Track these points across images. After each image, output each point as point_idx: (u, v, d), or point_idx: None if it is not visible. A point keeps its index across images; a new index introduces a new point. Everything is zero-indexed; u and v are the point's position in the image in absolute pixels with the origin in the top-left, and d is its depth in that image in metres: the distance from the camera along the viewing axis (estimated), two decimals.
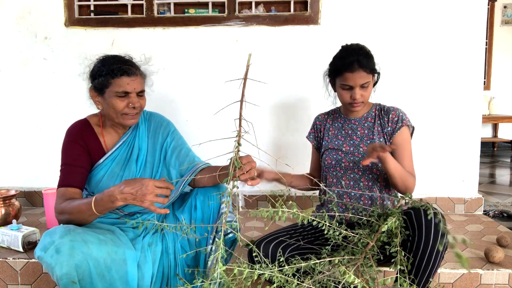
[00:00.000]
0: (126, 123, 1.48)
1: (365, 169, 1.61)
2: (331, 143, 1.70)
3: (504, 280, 1.65)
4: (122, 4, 2.49)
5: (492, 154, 5.32)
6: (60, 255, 1.19)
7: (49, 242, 1.22)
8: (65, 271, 1.19)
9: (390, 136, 1.63)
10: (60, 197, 1.39)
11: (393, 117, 1.63)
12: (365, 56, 1.55)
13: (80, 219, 1.33)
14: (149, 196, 1.23)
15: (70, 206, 1.34)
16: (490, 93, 5.40)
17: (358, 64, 1.52)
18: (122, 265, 1.31)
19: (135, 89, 1.44)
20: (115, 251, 1.30)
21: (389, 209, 1.37)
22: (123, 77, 1.41)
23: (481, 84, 2.41)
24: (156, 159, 1.57)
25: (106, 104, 1.45)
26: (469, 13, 2.34)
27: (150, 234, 1.47)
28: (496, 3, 5.38)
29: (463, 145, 2.44)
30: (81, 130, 1.51)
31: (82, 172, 1.45)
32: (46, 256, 1.21)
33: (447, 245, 1.29)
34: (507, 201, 2.96)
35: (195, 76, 2.48)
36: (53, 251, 1.20)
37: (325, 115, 1.79)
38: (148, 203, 1.24)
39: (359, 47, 1.59)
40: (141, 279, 1.35)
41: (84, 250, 1.22)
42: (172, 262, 1.44)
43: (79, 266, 1.21)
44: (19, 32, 2.49)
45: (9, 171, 2.61)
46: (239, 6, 2.43)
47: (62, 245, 1.20)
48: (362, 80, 1.54)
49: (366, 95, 1.58)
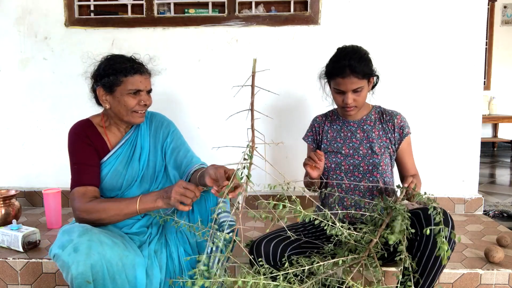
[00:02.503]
0: (135, 121, 1.51)
1: (366, 172, 1.61)
2: (330, 145, 1.68)
3: (504, 280, 1.65)
4: (122, 4, 2.49)
5: (492, 154, 5.32)
6: (77, 254, 1.20)
7: (68, 241, 1.23)
8: (81, 270, 1.19)
9: (396, 143, 1.64)
10: (82, 196, 1.40)
11: (399, 123, 1.63)
12: (359, 61, 1.50)
13: (113, 217, 1.37)
14: (174, 193, 1.27)
15: (103, 205, 1.37)
16: (490, 93, 5.40)
17: (350, 70, 1.49)
18: (132, 269, 1.31)
19: (146, 87, 1.49)
20: (126, 255, 1.31)
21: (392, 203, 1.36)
22: (135, 76, 1.45)
23: (481, 84, 2.41)
24: (158, 159, 1.59)
25: (116, 102, 1.47)
26: (469, 13, 2.34)
27: (155, 241, 1.49)
28: (496, 3, 5.37)
29: (463, 145, 2.44)
30: (85, 129, 1.52)
31: (95, 170, 1.48)
32: (64, 254, 1.21)
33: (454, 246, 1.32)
34: (507, 201, 2.96)
35: (195, 76, 2.48)
36: (71, 249, 1.21)
37: (322, 117, 1.76)
38: (173, 200, 1.28)
39: (354, 50, 1.54)
40: (149, 285, 1.36)
41: (100, 251, 1.23)
42: (177, 267, 1.44)
43: (94, 266, 1.21)
44: (19, 32, 2.49)
45: (9, 171, 2.61)
46: (239, 6, 2.43)
47: (80, 244, 1.21)
48: (354, 85, 1.51)
49: (359, 100, 1.55)
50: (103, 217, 1.37)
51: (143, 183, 1.56)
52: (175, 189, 1.28)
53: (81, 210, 1.39)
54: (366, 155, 1.61)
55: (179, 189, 1.28)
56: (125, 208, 1.37)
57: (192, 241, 1.43)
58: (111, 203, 1.39)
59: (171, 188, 1.30)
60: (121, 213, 1.37)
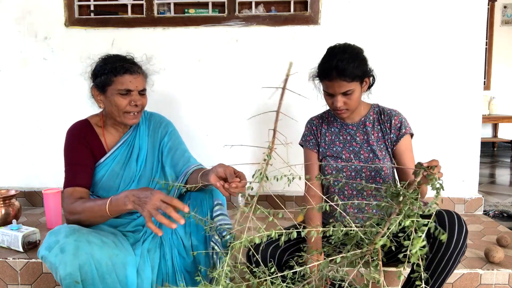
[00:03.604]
0: (128, 122, 1.48)
1: (368, 177, 1.54)
2: (329, 149, 1.59)
3: (504, 280, 1.65)
4: (122, 4, 2.49)
5: (492, 154, 5.31)
6: (64, 255, 1.19)
7: (54, 242, 1.22)
8: (69, 271, 1.19)
9: (392, 144, 1.54)
10: (69, 197, 1.40)
11: (396, 123, 1.53)
12: (348, 62, 1.39)
13: (91, 219, 1.34)
14: (149, 206, 1.15)
15: (82, 206, 1.34)
16: (490, 93, 5.40)
17: (337, 73, 1.39)
18: (122, 269, 1.30)
19: (137, 87, 1.45)
20: (116, 254, 1.30)
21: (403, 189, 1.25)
22: (125, 75, 1.42)
23: (481, 84, 2.41)
24: (155, 159, 1.58)
25: (108, 102, 1.46)
26: (469, 13, 2.34)
27: (149, 239, 1.47)
28: (496, 3, 5.37)
29: (463, 145, 2.43)
30: (82, 130, 1.52)
31: (87, 171, 1.46)
32: (51, 256, 1.20)
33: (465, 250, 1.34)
34: (507, 201, 2.96)
35: (195, 76, 2.48)
36: (57, 250, 1.20)
37: (318, 119, 1.66)
38: (146, 212, 1.16)
39: (343, 49, 1.43)
40: (140, 284, 1.35)
41: (88, 251, 1.22)
42: (170, 268, 1.43)
43: (83, 266, 1.20)
44: (19, 32, 2.49)
45: (9, 171, 2.61)
46: (239, 6, 2.43)
47: (67, 245, 1.20)
48: (342, 88, 1.42)
49: (350, 103, 1.45)
50: (83, 218, 1.33)
51: (140, 183, 1.55)
52: (153, 202, 1.15)
53: (66, 211, 1.38)
54: (367, 159, 1.53)
55: (156, 202, 1.15)
56: (98, 210, 1.30)
57: (187, 244, 1.42)
58: (87, 204, 1.33)
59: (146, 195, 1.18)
60: (96, 215, 1.31)
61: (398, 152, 1.54)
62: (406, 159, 1.53)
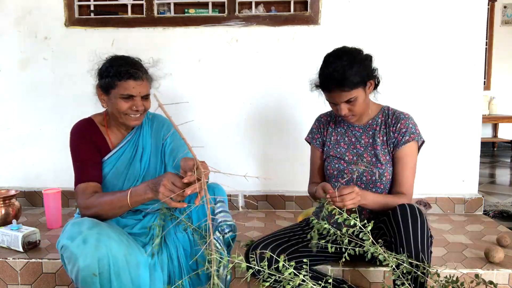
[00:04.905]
0: (129, 123, 1.50)
1: (369, 182, 1.51)
2: (333, 149, 1.58)
3: (504, 280, 1.65)
4: (122, 4, 2.49)
5: (492, 154, 5.31)
6: (86, 246, 1.20)
7: (77, 232, 1.23)
8: (88, 262, 1.19)
9: (393, 148, 1.50)
10: (83, 193, 1.41)
11: (400, 128, 1.48)
12: (345, 70, 1.34)
13: (108, 213, 1.36)
14: (161, 187, 1.20)
15: (99, 200, 1.36)
16: (490, 93, 5.40)
17: (335, 84, 1.36)
18: (136, 268, 1.31)
19: (140, 93, 1.46)
20: (130, 253, 1.31)
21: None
22: (129, 81, 1.43)
23: (481, 84, 2.41)
24: (158, 159, 1.59)
25: (111, 103, 1.48)
26: (469, 13, 2.34)
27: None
28: (496, 3, 5.37)
29: (463, 145, 2.43)
30: (87, 128, 1.53)
31: (97, 166, 1.48)
32: (73, 246, 1.21)
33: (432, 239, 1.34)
34: (507, 201, 2.96)
35: (195, 76, 2.48)
36: (80, 241, 1.21)
37: (327, 116, 1.65)
38: (161, 195, 1.20)
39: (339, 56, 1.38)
40: (152, 285, 1.35)
41: (107, 245, 1.23)
42: (176, 268, 1.44)
43: (101, 259, 1.21)
44: (19, 32, 2.49)
45: (9, 171, 2.61)
46: (239, 6, 2.43)
47: (89, 237, 1.21)
48: (343, 98, 1.38)
49: (355, 109, 1.42)
50: (100, 213, 1.36)
51: None
52: (164, 183, 1.20)
53: (82, 207, 1.40)
54: (370, 163, 1.51)
55: (168, 184, 1.20)
56: (118, 201, 1.33)
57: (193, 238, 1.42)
58: (105, 198, 1.37)
59: (159, 180, 1.23)
60: (115, 207, 1.35)
61: (396, 157, 1.50)
62: (401, 166, 1.49)
